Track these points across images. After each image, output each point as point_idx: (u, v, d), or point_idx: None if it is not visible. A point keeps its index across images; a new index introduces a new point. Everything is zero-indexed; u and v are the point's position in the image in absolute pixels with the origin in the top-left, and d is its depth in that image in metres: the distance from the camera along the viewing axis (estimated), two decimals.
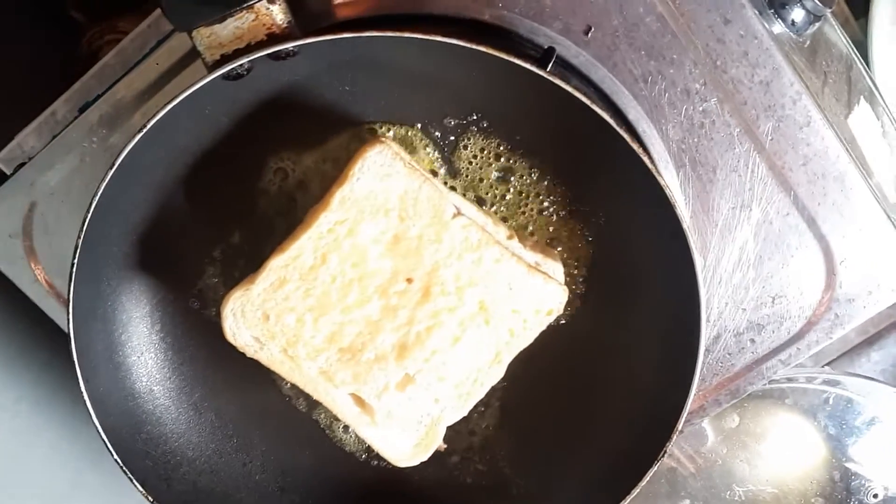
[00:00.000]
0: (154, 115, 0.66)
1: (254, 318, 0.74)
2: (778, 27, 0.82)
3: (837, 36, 0.97)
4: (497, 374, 0.76)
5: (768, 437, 1.15)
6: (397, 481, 0.86)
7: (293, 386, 0.81)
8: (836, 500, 1.11)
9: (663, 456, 0.75)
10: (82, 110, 0.86)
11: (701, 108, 0.81)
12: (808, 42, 0.86)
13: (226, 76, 0.67)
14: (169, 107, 0.65)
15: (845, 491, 1.10)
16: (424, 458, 0.78)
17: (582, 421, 0.83)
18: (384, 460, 0.79)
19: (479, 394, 0.77)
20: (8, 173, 0.93)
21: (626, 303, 0.79)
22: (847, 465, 1.10)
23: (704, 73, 0.80)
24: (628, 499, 0.77)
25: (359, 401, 0.76)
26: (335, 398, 0.76)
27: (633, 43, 0.80)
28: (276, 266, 0.73)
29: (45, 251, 0.88)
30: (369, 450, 0.86)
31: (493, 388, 0.77)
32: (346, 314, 0.73)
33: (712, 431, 1.16)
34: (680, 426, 0.75)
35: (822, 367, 1.18)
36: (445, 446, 0.84)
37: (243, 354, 0.75)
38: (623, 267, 0.78)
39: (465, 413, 0.78)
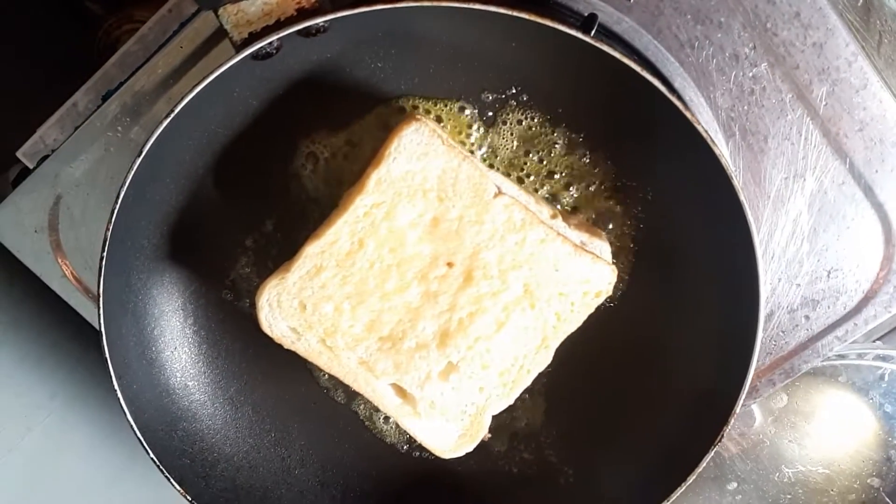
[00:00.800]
0: (181, 100, 0.63)
1: (290, 307, 0.71)
2: None
3: None
4: (544, 360, 0.73)
5: (818, 416, 1.11)
6: (440, 472, 0.84)
7: (331, 377, 0.78)
8: (893, 480, 1.07)
9: (717, 444, 0.72)
10: (105, 98, 0.83)
11: (751, 74, 0.77)
12: (861, 0, 0.81)
13: (254, 55, 0.64)
14: (196, 90, 0.62)
15: None
16: (469, 448, 0.75)
17: (631, 407, 0.79)
18: (426, 451, 0.76)
19: (526, 381, 0.74)
20: (31, 167, 0.91)
21: (676, 282, 0.75)
22: None
23: (754, 37, 0.76)
24: (681, 488, 0.73)
25: (400, 391, 0.73)
26: (376, 389, 0.73)
27: (678, 7, 0.76)
28: (312, 253, 0.70)
29: (72, 245, 0.85)
30: (411, 441, 0.83)
31: (539, 374, 0.74)
32: (385, 301, 0.70)
33: (759, 412, 1.12)
34: (736, 412, 0.71)
35: (875, 341, 1.13)
36: (490, 436, 0.81)
37: (279, 346, 0.72)
38: (673, 244, 0.74)
39: (512, 401, 0.74)
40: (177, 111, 0.63)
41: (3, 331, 1.02)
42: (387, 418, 0.84)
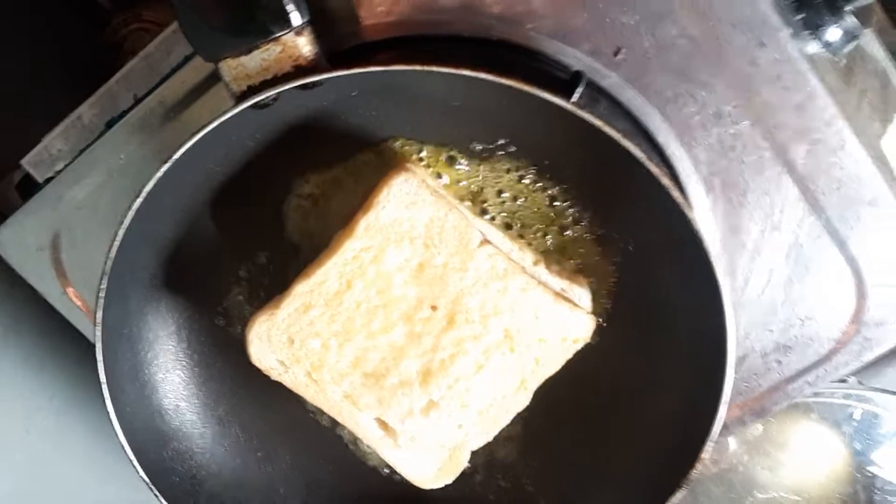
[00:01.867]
0: (180, 147, 0.66)
1: (279, 342, 0.74)
2: (813, 47, 0.80)
3: (876, 48, 0.94)
4: (522, 401, 0.76)
5: (792, 446, 1.14)
6: (420, 498, 0.87)
7: None
8: None
9: (686, 484, 0.75)
10: (109, 125, 0.86)
11: (732, 131, 0.80)
12: (844, 61, 0.84)
13: (254, 106, 0.66)
14: (195, 139, 0.65)
15: None
16: (448, 481, 0.79)
17: (605, 444, 0.82)
18: None
19: (504, 420, 0.77)
20: (36, 178, 0.93)
21: (652, 330, 0.78)
22: (871, 479, 1.09)
23: (737, 96, 0.78)
24: None
25: (382, 424, 0.77)
26: (359, 421, 0.76)
27: (664, 65, 0.78)
28: (302, 291, 0.73)
29: (73, 265, 0.88)
30: None
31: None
32: (370, 340, 0.74)
33: (734, 439, 1.15)
34: (705, 454, 0.74)
35: (849, 377, 1.17)
36: (469, 465, 0.84)
37: None
38: (650, 294, 0.77)
39: (490, 439, 0.78)
40: (175, 157, 0.66)
41: (4, 334, 1.06)
42: None
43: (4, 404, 1.03)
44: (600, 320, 0.79)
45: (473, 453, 0.81)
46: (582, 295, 0.76)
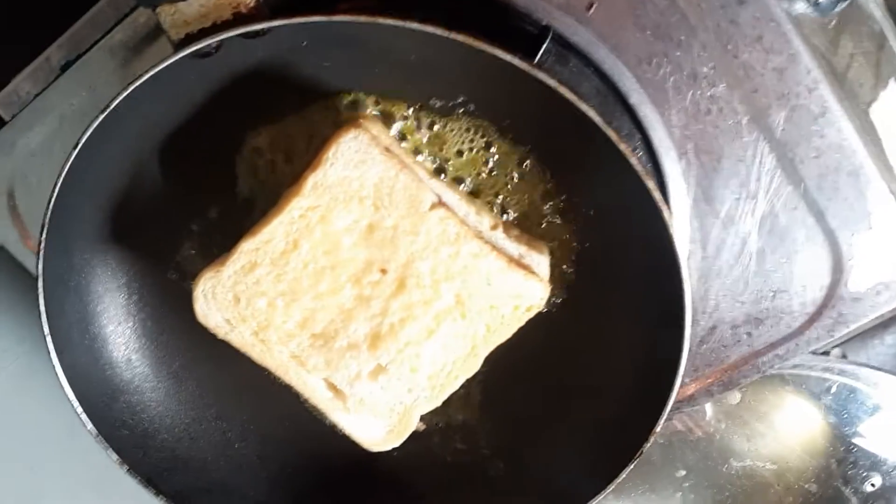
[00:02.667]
0: (116, 96, 0.63)
1: (224, 300, 0.72)
2: (800, 6, 0.75)
3: (874, 6, 0.89)
4: (473, 366, 0.74)
5: (770, 416, 1.12)
6: (377, 457, 0.86)
7: None
8: (832, 487, 1.09)
9: (640, 455, 0.74)
10: (64, 69, 0.83)
11: (708, 94, 0.76)
12: (833, 22, 0.79)
13: (193, 54, 0.63)
14: (130, 88, 0.62)
15: (841, 479, 1.08)
16: (397, 444, 0.77)
17: (562, 410, 0.81)
18: None
19: (454, 385, 0.75)
20: (5, 118, 0.91)
21: (611, 296, 0.76)
22: (846, 453, 1.07)
23: (714, 57, 0.74)
24: (606, 490, 0.75)
25: (331, 386, 0.75)
26: (307, 382, 0.75)
27: (638, 22, 0.74)
28: (247, 249, 0.70)
29: (29, 213, 0.87)
30: None
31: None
32: (318, 301, 0.71)
33: (711, 407, 1.13)
34: (659, 426, 0.73)
35: (832, 349, 1.14)
36: (424, 426, 0.83)
37: None
38: (610, 260, 0.75)
39: (439, 403, 0.76)
40: (111, 107, 0.63)
41: None
42: None
43: None
44: (560, 283, 0.76)
45: (431, 414, 0.79)
46: (540, 261, 0.74)
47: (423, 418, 0.79)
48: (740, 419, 1.14)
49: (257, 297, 0.71)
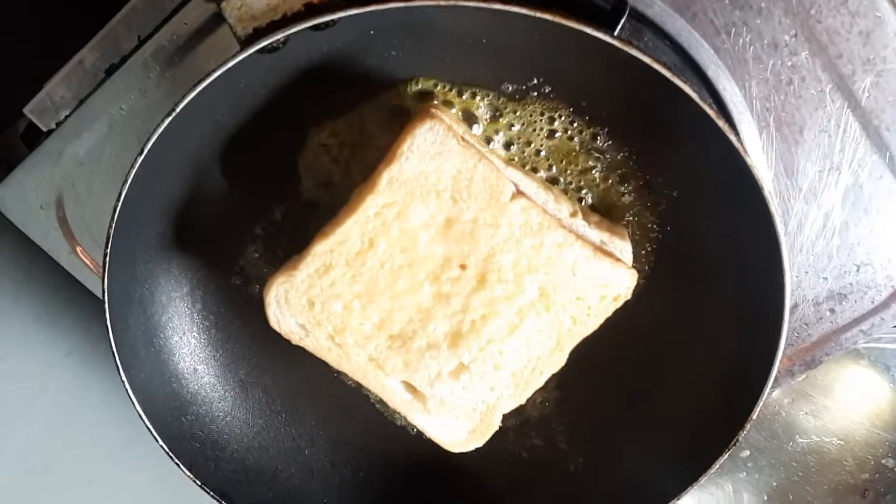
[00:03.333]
0: (183, 98, 0.60)
1: (298, 304, 0.69)
2: None
3: None
4: (558, 362, 0.71)
5: (836, 390, 1.09)
6: (449, 454, 0.83)
7: None
8: None
9: (734, 445, 0.70)
10: (109, 73, 0.79)
11: (790, 63, 0.72)
12: None
13: (262, 50, 0.60)
14: (198, 88, 0.59)
15: None
16: (479, 444, 0.75)
17: (645, 403, 0.78)
18: None
19: (538, 382, 0.72)
20: (40, 126, 0.88)
21: (697, 283, 0.73)
22: None
23: (796, 24, 0.71)
24: (695, 484, 0.72)
25: (410, 388, 0.72)
26: (385, 385, 0.72)
27: None
28: (321, 251, 0.67)
29: (79, 223, 0.83)
30: None
31: None
32: (395, 301, 0.68)
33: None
34: (755, 415, 0.70)
35: None
36: (501, 424, 0.80)
37: None
38: (696, 244, 0.71)
39: (524, 401, 0.73)
40: (178, 109, 0.60)
41: (16, 288, 1.02)
42: None
43: (19, 360, 1.00)
44: (641, 271, 0.73)
45: (505, 413, 0.77)
46: (623, 248, 0.70)
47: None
48: (805, 395, 1.11)
49: (333, 299, 0.68)
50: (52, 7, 1.25)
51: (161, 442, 0.73)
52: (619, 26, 0.65)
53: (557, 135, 0.71)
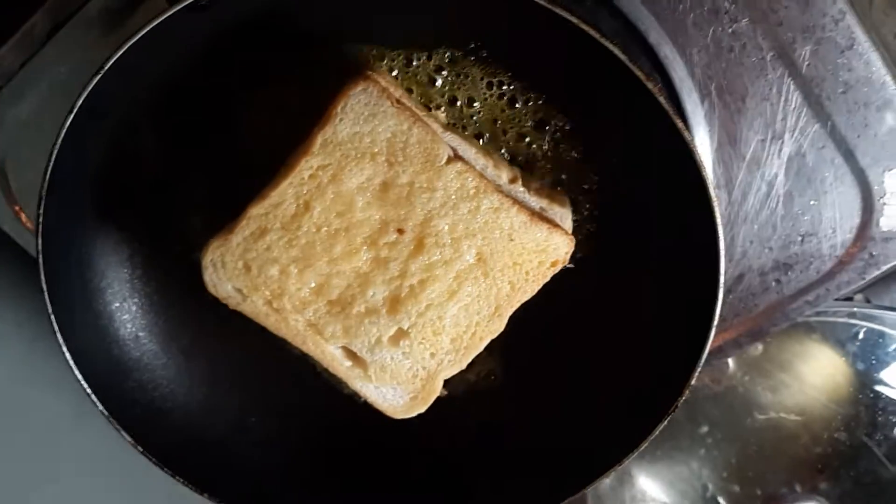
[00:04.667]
0: (110, 56, 0.59)
1: (234, 269, 0.69)
2: None
3: None
4: (497, 327, 0.71)
5: (793, 366, 1.10)
6: (398, 423, 0.83)
7: None
8: (861, 434, 1.07)
9: (674, 410, 0.71)
10: (49, 35, 0.79)
11: (730, 30, 0.72)
12: None
13: (190, 7, 0.59)
14: (126, 46, 0.59)
15: (871, 426, 1.06)
16: (422, 410, 0.75)
17: (588, 368, 0.78)
18: None
19: (479, 347, 0.72)
20: None
21: (637, 248, 0.73)
22: (875, 399, 1.05)
23: None
24: (638, 449, 0.73)
25: (350, 354, 0.72)
26: (325, 351, 0.72)
27: None
28: (256, 214, 0.67)
29: (23, 187, 0.82)
30: None
31: None
32: (333, 266, 0.68)
33: (733, 359, 1.11)
34: (693, 380, 0.70)
35: (856, 295, 1.11)
36: (446, 392, 0.80)
37: None
38: (635, 212, 0.72)
39: (464, 366, 0.73)
40: (106, 68, 0.59)
41: None
42: None
43: None
44: (582, 237, 0.73)
45: (452, 380, 0.77)
46: (563, 215, 0.70)
47: (445, 384, 0.76)
48: (763, 370, 1.11)
49: (269, 264, 0.68)
50: None
51: (101, 406, 0.72)
52: None
53: (496, 100, 0.70)
